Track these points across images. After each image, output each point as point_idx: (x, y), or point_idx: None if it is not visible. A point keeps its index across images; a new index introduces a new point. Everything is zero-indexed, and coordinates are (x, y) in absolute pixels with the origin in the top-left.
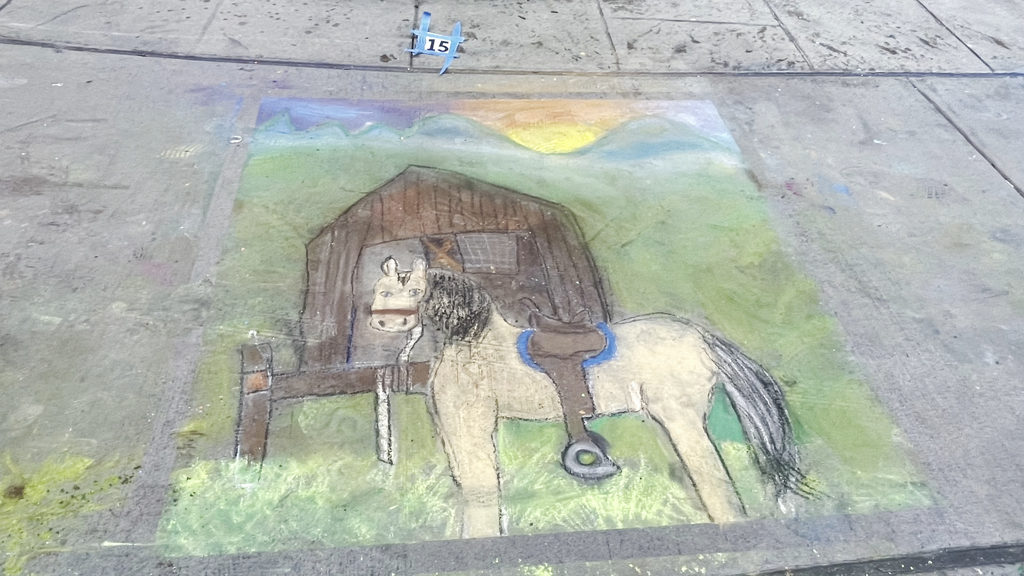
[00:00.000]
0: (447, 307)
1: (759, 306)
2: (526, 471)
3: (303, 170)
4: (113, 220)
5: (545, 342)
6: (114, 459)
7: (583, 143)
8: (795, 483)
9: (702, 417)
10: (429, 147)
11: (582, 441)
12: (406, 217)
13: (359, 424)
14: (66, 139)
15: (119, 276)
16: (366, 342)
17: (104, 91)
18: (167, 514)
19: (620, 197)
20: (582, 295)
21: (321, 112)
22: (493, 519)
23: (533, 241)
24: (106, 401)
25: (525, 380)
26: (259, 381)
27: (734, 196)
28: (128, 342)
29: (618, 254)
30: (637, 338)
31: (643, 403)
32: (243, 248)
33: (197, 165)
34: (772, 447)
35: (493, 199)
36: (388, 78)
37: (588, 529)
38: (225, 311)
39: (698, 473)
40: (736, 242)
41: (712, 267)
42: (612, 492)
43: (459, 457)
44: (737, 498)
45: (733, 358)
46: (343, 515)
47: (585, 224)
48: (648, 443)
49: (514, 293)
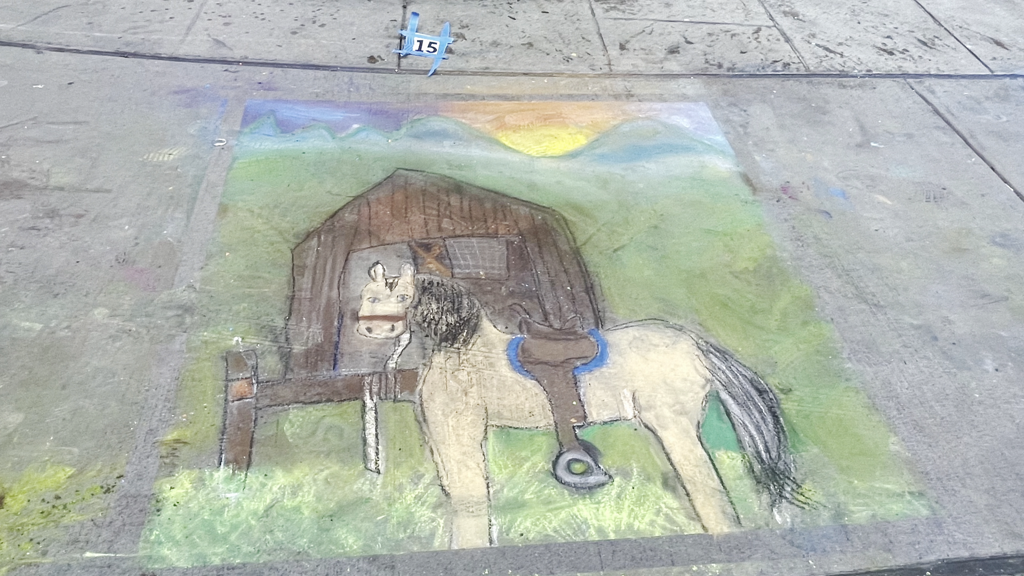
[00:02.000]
0: (436, 313)
1: (754, 312)
2: (516, 480)
3: (289, 173)
4: (95, 224)
5: (536, 349)
6: (96, 468)
7: (574, 146)
8: (791, 493)
9: (696, 425)
10: (417, 150)
11: (573, 450)
12: (394, 221)
13: (346, 432)
14: (47, 142)
15: (101, 281)
16: (353, 349)
17: (86, 93)
18: (150, 524)
19: (612, 201)
20: (573, 301)
21: (307, 114)
22: (483, 529)
23: (523, 246)
24: (88, 409)
25: (515, 388)
26: (244, 388)
27: (728, 200)
28: (110, 349)
29: (610, 259)
30: (629, 345)
31: (636, 411)
32: (228, 253)
33: (181, 168)
34: (767, 456)
35: (482, 203)
36: (375, 80)
37: (579, 539)
38: (209, 317)
39: (692, 482)
40: (730, 247)
41: (706, 272)
42: (604, 502)
43: (448, 466)
44: (731, 508)
45: (727, 365)
46: (330, 525)
47: (576, 228)
48: (641, 452)
49: (504, 299)
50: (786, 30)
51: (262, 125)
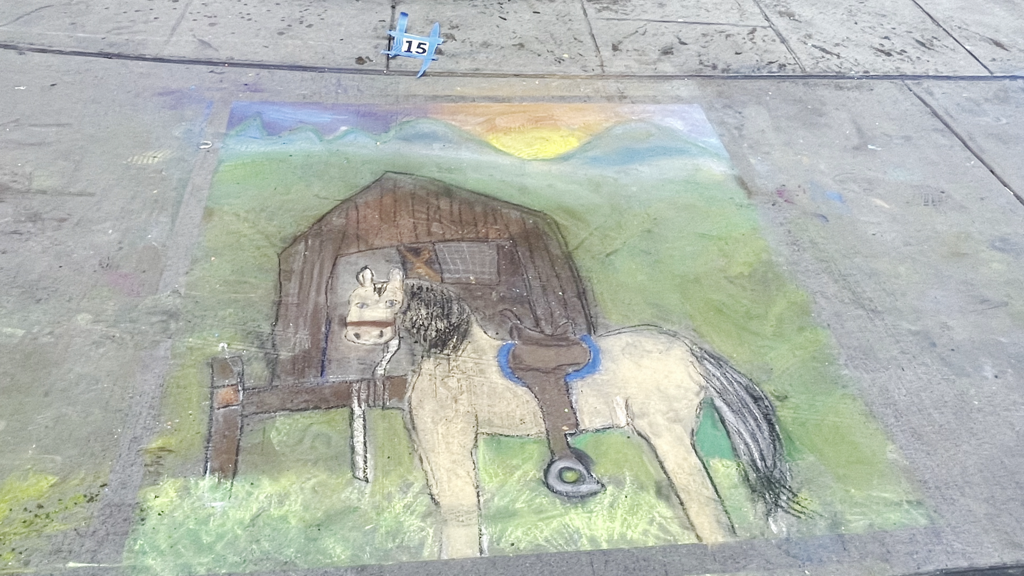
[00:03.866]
0: (425, 319)
1: (749, 318)
2: (507, 489)
3: (275, 176)
4: (78, 228)
5: (527, 355)
6: (79, 477)
7: (566, 148)
8: (786, 501)
9: (690, 433)
10: (406, 152)
11: (565, 458)
12: (382, 225)
13: (334, 440)
14: (29, 144)
15: (84, 287)
16: (341, 355)
17: (69, 94)
18: (134, 534)
19: (605, 204)
20: (565, 306)
21: (294, 116)
22: (473, 539)
23: (514, 250)
24: (71, 416)
25: (506, 395)
26: (230, 396)
27: (723, 203)
28: (94, 355)
29: (603, 264)
30: (622, 351)
31: (629, 418)
32: (213, 258)
33: (165, 171)
34: (762, 464)
35: (473, 207)
36: (364, 81)
37: (571, 549)
38: (195, 323)
39: (686, 491)
40: (725, 251)
41: (700, 277)
42: (596, 511)
43: (437, 475)
44: (726, 517)
45: (722, 372)
46: (317, 535)
47: (568, 233)
48: (634, 460)
49: (495, 304)
50: (782, 31)
51: (248, 127)
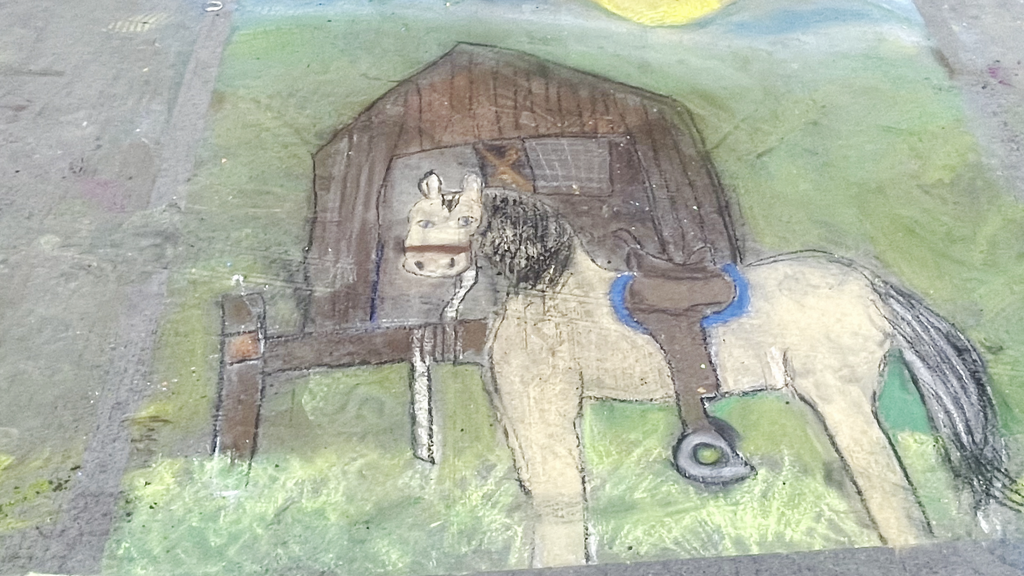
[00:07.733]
0: (512, 242)
1: (951, 241)
2: (623, 473)
3: (309, 49)
4: (41, 120)
5: (649, 292)
6: (43, 456)
7: (703, 11)
8: (1001, 490)
9: (871, 398)
10: (486, 17)
11: (702, 431)
12: (454, 116)
13: (388, 407)
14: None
15: (50, 199)
16: (397, 292)
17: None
18: (117, 533)
19: (755, 88)
20: (701, 225)
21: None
22: (576, 541)
23: (632, 149)
24: (31, 375)
25: (621, 345)
26: (246, 347)
27: (915, 86)
28: (62, 292)
29: (752, 168)
30: (779, 286)
31: (788, 377)
32: (224, 159)
33: (159, 42)
34: (969, 439)
35: (576, 91)
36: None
37: (711, 555)
38: (199, 248)
39: (865, 476)
40: (918, 151)
41: (884, 186)
42: (744, 503)
43: (529, 454)
44: (920, 512)
45: (914, 315)
46: (365, 535)
47: (706, 125)
48: (795, 434)
49: (606, 223)
50: None
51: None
